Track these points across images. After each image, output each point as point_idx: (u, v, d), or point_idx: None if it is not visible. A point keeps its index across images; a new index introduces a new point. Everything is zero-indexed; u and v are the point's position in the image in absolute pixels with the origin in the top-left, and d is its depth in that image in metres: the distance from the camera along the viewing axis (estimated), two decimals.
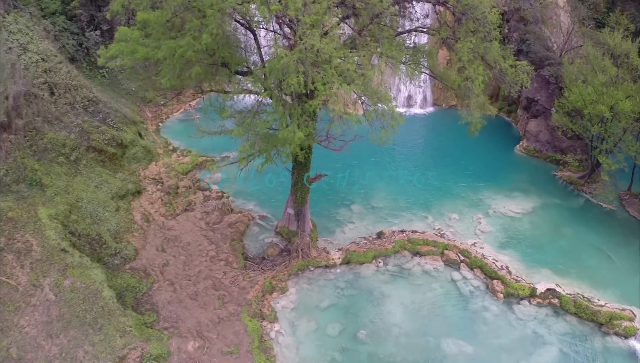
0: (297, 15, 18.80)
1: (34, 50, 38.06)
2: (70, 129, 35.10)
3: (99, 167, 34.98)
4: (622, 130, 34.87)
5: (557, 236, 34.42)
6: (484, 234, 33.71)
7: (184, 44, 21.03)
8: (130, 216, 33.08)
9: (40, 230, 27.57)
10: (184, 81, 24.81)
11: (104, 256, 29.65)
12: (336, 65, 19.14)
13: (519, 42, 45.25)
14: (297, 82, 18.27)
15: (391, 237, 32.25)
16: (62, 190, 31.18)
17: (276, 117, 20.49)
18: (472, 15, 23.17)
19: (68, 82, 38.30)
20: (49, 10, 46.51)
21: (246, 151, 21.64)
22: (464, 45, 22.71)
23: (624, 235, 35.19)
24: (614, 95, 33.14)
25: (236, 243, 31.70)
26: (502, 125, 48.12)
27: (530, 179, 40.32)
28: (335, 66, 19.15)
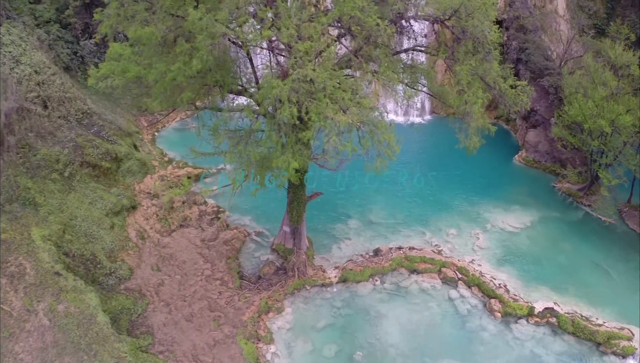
0: (290, 42, 18.38)
1: (26, 62, 37.56)
2: (63, 144, 34.69)
3: (94, 183, 34.63)
4: (622, 143, 34.51)
5: (556, 251, 34.17)
6: (482, 250, 33.45)
7: (174, 69, 20.60)
8: (125, 233, 32.78)
9: (33, 253, 27.28)
10: (176, 103, 24.47)
11: (98, 276, 29.39)
12: (330, 93, 18.76)
13: (517, 51, 44.75)
14: (289, 113, 17.89)
15: (388, 255, 32.00)
16: (55, 208, 30.85)
17: (270, 145, 20.12)
18: (471, 34, 22.76)
19: (62, 94, 37.84)
20: (43, 18, 45.95)
21: (239, 179, 21.27)
22: (463, 68, 22.32)
23: (623, 250, 34.95)
24: (614, 110, 32.75)
25: (232, 262, 31.44)
26: (500, 133, 47.55)
27: (529, 191, 40.01)
28: (329, 94, 18.77)
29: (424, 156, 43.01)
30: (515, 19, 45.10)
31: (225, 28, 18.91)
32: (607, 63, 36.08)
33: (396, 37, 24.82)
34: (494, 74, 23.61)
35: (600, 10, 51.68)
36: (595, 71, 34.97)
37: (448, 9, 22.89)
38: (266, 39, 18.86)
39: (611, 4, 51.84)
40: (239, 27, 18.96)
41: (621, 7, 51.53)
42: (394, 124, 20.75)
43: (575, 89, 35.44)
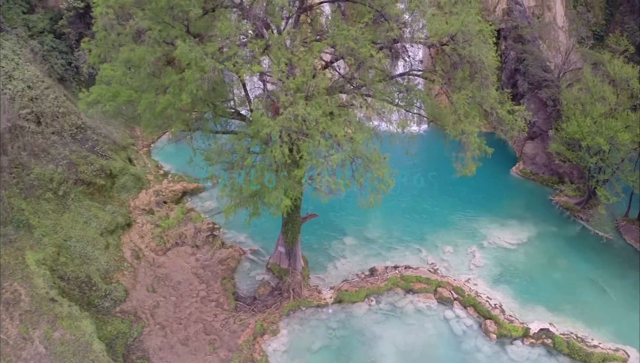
0: (281, 79, 18.10)
1: (19, 77, 37.22)
2: (57, 162, 34.46)
3: (88, 200, 34.45)
4: (620, 159, 34.29)
5: (552, 268, 34.09)
6: (478, 269, 33.36)
7: (163, 101, 20.35)
8: (120, 253, 32.67)
9: (28, 278, 27.20)
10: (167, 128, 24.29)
11: (94, 299, 29.32)
12: (323, 130, 18.52)
13: (515, 61, 44.30)
14: (280, 153, 17.67)
15: (384, 274, 31.91)
16: (50, 229, 30.71)
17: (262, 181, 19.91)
18: (468, 60, 22.45)
19: (55, 109, 37.55)
20: (37, 29, 45.44)
21: (231, 210, 21.13)
22: (460, 97, 22.04)
23: (619, 266, 34.87)
24: (612, 127, 32.48)
25: (227, 282, 31.36)
26: (497, 144, 47.09)
27: (526, 205, 39.84)
28: (322, 130, 18.54)
29: (420, 167, 42.72)
30: (514, 29, 44.60)
31: (215, 62, 18.61)
32: (605, 77, 35.72)
33: (391, 62, 24.50)
34: (492, 100, 23.31)
35: (599, 16, 51.17)
36: (594, 86, 34.64)
37: (445, 35, 22.54)
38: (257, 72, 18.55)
39: (610, 10, 51.31)
40: (228, 61, 18.62)
41: (620, 14, 51.05)
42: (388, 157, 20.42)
43: (574, 104, 35.12)
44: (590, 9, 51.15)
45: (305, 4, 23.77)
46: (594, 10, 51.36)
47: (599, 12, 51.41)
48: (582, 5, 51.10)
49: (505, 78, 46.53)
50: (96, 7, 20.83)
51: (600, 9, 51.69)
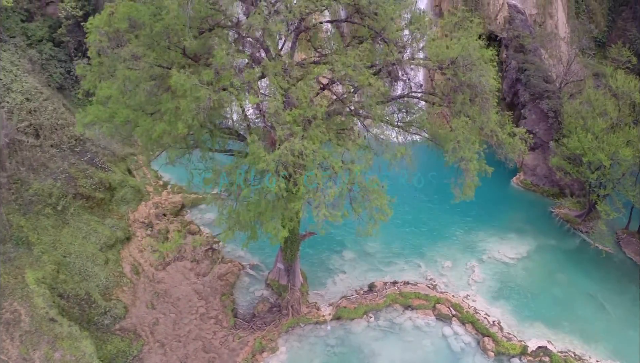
0: (276, 111, 17.99)
1: (18, 89, 37.13)
2: (56, 176, 34.43)
3: (87, 214, 34.46)
4: (621, 174, 34.15)
5: (551, 283, 34.09)
6: (477, 284, 33.37)
7: (159, 130, 20.30)
8: (120, 268, 32.73)
9: (28, 297, 27.27)
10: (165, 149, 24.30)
11: (93, 316, 29.42)
12: (320, 161, 18.45)
13: (516, 71, 43.97)
14: (277, 187, 17.61)
15: (383, 290, 31.95)
16: (49, 246, 30.76)
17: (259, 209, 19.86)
18: (469, 85, 22.29)
19: (54, 121, 37.46)
20: (36, 37, 45.26)
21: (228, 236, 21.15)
22: (459, 123, 21.90)
23: (619, 281, 34.86)
24: (614, 142, 32.29)
25: (226, 299, 31.43)
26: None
27: (526, 217, 39.76)
28: (319, 162, 18.47)
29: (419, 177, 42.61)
30: (515, 38, 44.22)
31: (210, 92, 18.51)
32: (607, 90, 35.47)
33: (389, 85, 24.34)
34: (492, 124, 23.17)
35: (601, 23, 50.74)
36: (595, 99, 34.40)
37: (445, 59, 22.35)
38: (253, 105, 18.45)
39: (612, 17, 50.85)
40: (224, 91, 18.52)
41: (622, 20, 50.65)
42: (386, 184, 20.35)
43: (575, 118, 34.88)
44: (592, 15, 50.72)
45: (302, 26, 23.55)
46: (595, 17, 50.94)
47: (600, 19, 50.98)
48: (584, 12, 50.68)
49: (506, 87, 46.26)
50: (89, 35, 20.73)
51: (602, 15, 51.27)
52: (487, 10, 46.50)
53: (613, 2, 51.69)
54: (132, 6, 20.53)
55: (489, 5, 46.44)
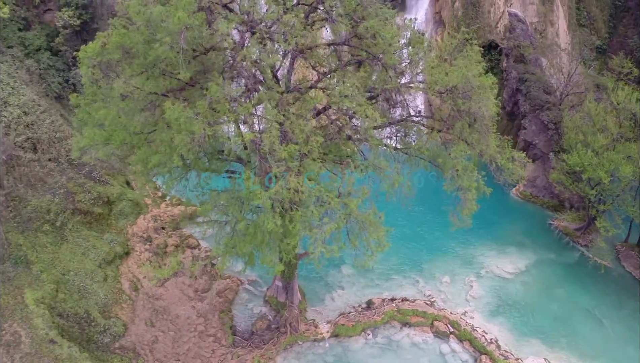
0: (272, 148, 17.88)
1: (15, 103, 36.99)
2: (54, 191, 34.37)
3: (86, 230, 34.48)
4: (620, 189, 34.05)
5: (550, 299, 34.12)
6: (475, 300, 33.41)
7: (154, 161, 20.27)
8: (119, 285, 32.79)
9: (28, 319, 27.36)
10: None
11: (93, 334, 29.52)
12: (317, 195, 18.38)
13: (517, 81, 43.66)
14: (272, 224, 17.57)
15: (381, 308, 32.01)
16: (48, 264, 30.80)
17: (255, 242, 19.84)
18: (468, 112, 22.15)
19: (52, 134, 37.37)
20: (33, 47, 45.03)
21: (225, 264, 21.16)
22: (458, 151, 21.79)
23: (617, 295, 34.88)
24: (614, 159, 32.14)
25: (225, 316, 31.53)
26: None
27: (526, 230, 39.70)
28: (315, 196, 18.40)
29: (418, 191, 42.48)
30: (515, 48, 43.84)
31: (205, 125, 18.42)
32: (609, 104, 35.22)
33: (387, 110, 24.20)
34: (492, 150, 23.05)
35: (602, 30, 50.31)
36: (596, 114, 34.16)
37: (444, 86, 22.15)
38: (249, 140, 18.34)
39: (613, 23, 50.42)
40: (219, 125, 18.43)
41: (623, 27, 50.21)
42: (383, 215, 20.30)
43: (575, 134, 34.65)
44: (593, 22, 50.26)
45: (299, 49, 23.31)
46: (596, 23, 50.49)
47: (601, 26, 50.55)
48: (585, 19, 50.23)
49: (506, 96, 45.99)
50: (81, 65, 20.60)
51: (603, 22, 50.83)
52: (488, 18, 46.09)
53: (614, 9, 51.25)
54: (125, 35, 20.34)
55: (490, 14, 46.02)
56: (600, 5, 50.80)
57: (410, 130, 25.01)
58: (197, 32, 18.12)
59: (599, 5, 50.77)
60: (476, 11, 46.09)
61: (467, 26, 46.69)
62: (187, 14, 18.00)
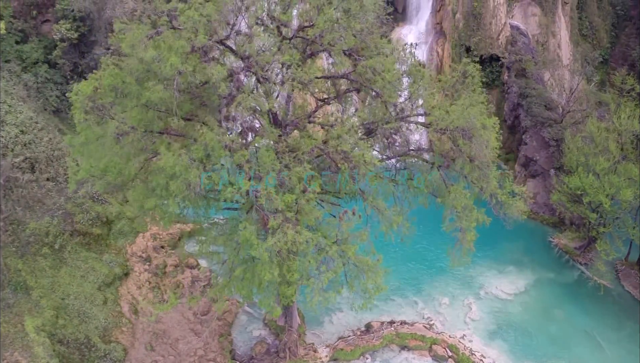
0: (268, 198, 17.75)
1: (12, 121, 36.77)
2: (53, 213, 34.23)
3: (85, 251, 34.46)
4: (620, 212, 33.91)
5: (548, 320, 34.14)
6: (474, 322, 33.45)
7: (149, 205, 20.22)
8: (118, 308, 32.85)
9: (28, 347, 27.45)
10: None
11: (93, 360, 29.64)
12: (315, 243, 18.30)
13: (518, 96, 43.27)
14: (270, 275, 17.50)
15: (379, 331, 32.08)
16: (47, 289, 30.83)
17: (253, 285, 19.81)
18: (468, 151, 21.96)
19: (50, 153, 37.20)
20: (31, 60, 44.66)
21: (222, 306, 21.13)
22: (457, 190, 21.63)
23: (616, 316, 34.89)
24: (615, 183, 31.93)
25: (224, 340, 31.63)
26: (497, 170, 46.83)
27: (525, 247, 39.61)
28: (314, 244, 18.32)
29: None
30: (517, 62, 43.38)
31: (200, 172, 18.30)
32: (611, 124, 34.90)
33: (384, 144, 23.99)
34: (492, 187, 22.89)
35: (604, 39, 49.79)
36: (598, 135, 33.87)
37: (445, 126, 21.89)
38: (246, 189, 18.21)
39: (615, 32, 49.88)
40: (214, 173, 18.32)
41: (625, 36, 49.70)
42: (381, 259, 20.24)
43: (577, 156, 34.35)
44: (595, 32, 49.72)
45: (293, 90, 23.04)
46: (598, 33, 49.95)
47: (603, 35, 50.01)
48: (587, 29, 49.69)
49: (507, 110, 45.63)
50: (74, 108, 20.43)
51: (605, 31, 50.29)
52: (489, 30, 45.58)
53: (616, 18, 50.67)
54: (117, 75, 20.09)
55: (491, 25, 45.50)
56: (603, 15, 50.22)
57: (410, 164, 24.82)
58: (190, 77, 17.91)
59: (601, 15, 50.20)
60: (477, 23, 45.56)
61: (468, 38, 46.29)
62: (179, 58, 17.77)
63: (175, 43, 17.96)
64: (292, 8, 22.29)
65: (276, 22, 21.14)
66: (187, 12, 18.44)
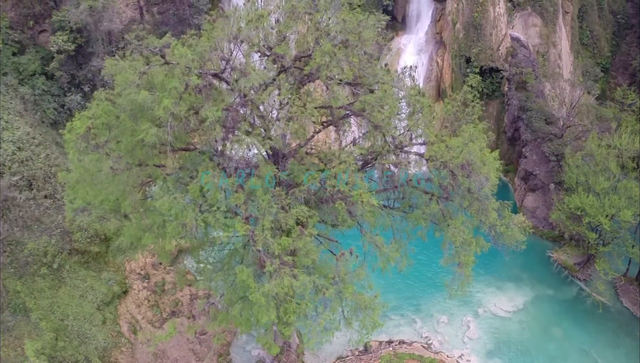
0: (265, 243, 17.66)
1: (9, 138, 36.56)
2: (51, 231, 34.17)
3: (83, 270, 34.45)
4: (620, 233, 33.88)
5: (546, 338, 34.20)
6: (472, 342, 33.52)
7: (145, 240, 20.18)
8: (118, 327, 32.91)
9: None
10: None
11: None
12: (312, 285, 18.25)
13: (518, 109, 42.98)
14: (267, 318, 17.47)
15: (378, 351, 32.15)
16: (47, 310, 30.86)
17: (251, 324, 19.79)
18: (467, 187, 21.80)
19: (47, 169, 37.04)
20: (28, 72, 44.29)
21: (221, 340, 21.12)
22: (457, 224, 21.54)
23: (614, 333, 34.93)
24: (615, 204, 31.81)
25: (223, 360, 31.73)
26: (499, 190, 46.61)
27: (524, 263, 39.54)
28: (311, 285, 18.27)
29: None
30: (518, 74, 43.01)
31: (196, 214, 18.24)
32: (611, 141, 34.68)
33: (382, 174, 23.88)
34: (491, 219, 22.79)
35: (605, 48, 49.40)
36: (598, 154, 33.67)
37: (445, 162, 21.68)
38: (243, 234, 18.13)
39: (616, 41, 49.49)
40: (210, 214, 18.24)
41: (626, 44, 49.33)
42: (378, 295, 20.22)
43: (577, 175, 34.14)
44: (596, 41, 49.31)
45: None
46: (599, 42, 49.53)
47: (604, 44, 49.61)
48: (588, 38, 49.27)
49: (507, 121, 45.37)
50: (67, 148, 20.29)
51: (606, 40, 49.89)
52: (489, 41, 45.15)
53: (617, 26, 50.23)
54: (110, 112, 19.89)
55: (491, 36, 45.08)
56: (603, 23, 49.80)
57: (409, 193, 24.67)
58: (184, 120, 17.77)
59: (602, 24, 49.77)
60: (478, 33, 45.11)
61: (469, 49, 45.88)
62: (172, 100, 17.59)
63: (169, 83, 17.77)
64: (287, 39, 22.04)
65: (272, 55, 20.91)
66: (179, 50, 18.20)
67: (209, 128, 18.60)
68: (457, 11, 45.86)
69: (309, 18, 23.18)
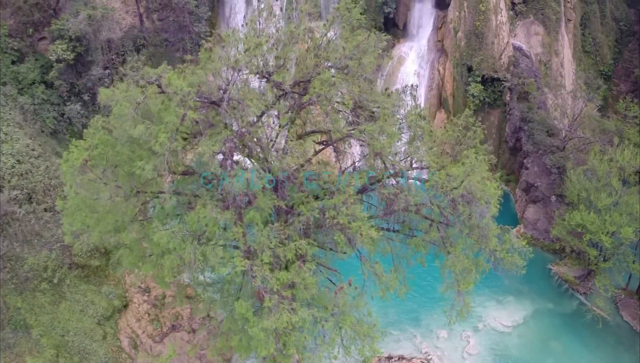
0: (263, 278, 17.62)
1: (8, 151, 36.50)
2: (50, 246, 34.15)
3: (84, 284, 34.49)
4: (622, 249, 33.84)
5: (546, 353, 34.25)
6: (472, 357, 33.57)
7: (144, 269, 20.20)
8: (118, 342, 33.02)
9: None
10: None
11: None
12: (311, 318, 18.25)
13: (519, 120, 42.72)
14: (266, 352, 17.47)
15: None
16: (47, 326, 30.96)
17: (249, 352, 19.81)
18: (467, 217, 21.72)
19: (47, 182, 37.00)
20: (27, 81, 44.13)
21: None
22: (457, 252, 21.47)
23: (613, 348, 34.95)
24: (616, 221, 31.71)
25: None
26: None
27: (525, 276, 38.76)
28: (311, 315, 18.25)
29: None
30: (520, 85, 42.69)
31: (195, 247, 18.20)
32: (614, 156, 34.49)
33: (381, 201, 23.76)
34: (492, 245, 22.71)
35: (607, 56, 49.03)
36: (600, 169, 33.51)
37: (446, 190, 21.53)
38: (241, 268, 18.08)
39: (618, 48, 49.11)
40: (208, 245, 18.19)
41: (628, 52, 48.99)
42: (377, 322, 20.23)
43: (578, 191, 34.01)
44: (598, 48, 48.94)
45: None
46: (602, 49, 49.15)
47: (607, 52, 49.24)
48: (591, 45, 48.88)
49: (509, 131, 45.15)
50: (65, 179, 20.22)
51: (608, 47, 49.52)
52: (491, 49, 44.81)
53: (620, 33, 49.82)
54: (107, 142, 19.75)
55: (493, 45, 44.72)
56: (606, 30, 49.40)
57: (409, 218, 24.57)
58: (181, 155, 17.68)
59: (604, 31, 49.37)
60: (479, 42, 44.75)
61: (470, 57, 45.54)
62: (168, 135, 17.45)
63: (165, 117, 17.63)
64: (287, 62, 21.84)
65: (270, 82, 20.73)
66: (175, 82, 18.01)
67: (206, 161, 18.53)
68: (459, 19, 45.48)
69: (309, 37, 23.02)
